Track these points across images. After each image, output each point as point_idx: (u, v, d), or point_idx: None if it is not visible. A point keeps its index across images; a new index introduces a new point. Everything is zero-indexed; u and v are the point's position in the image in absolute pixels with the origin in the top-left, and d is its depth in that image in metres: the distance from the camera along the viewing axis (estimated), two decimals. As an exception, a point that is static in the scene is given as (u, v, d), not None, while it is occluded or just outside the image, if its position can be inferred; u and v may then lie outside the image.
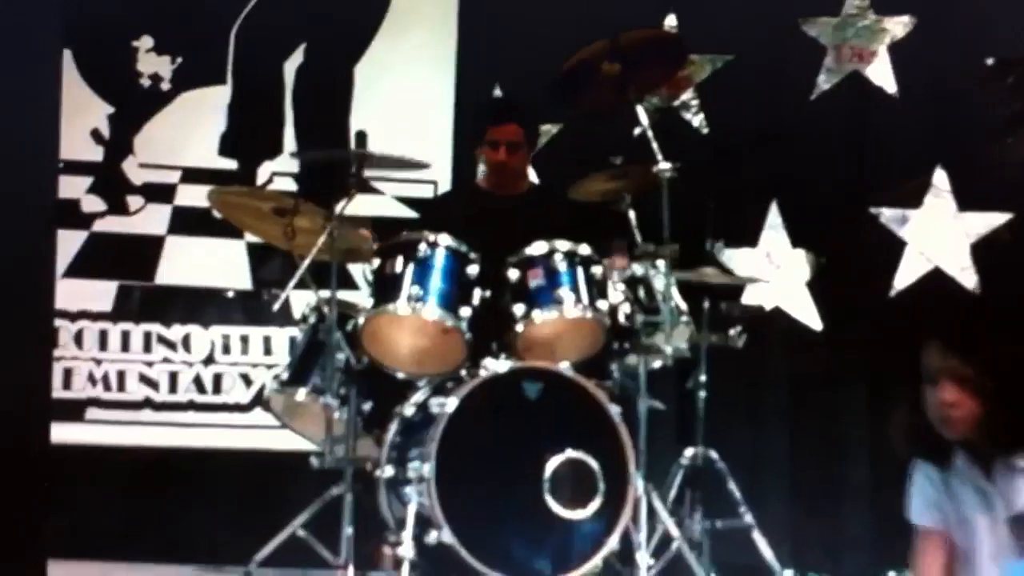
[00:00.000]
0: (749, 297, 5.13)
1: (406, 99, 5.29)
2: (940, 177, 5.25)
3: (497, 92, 5.27)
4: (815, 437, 5.18)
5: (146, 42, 5.28)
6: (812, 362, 5.19)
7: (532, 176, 4.95)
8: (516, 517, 3.92)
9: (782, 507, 5.08)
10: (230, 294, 5.26)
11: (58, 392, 5.12)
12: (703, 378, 4.52)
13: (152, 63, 5.28)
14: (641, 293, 4.29)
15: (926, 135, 5.26)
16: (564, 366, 4.07)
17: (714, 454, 4.49)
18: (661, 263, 4.25)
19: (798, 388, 5.20)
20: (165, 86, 5.28)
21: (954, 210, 5.23)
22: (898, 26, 5.28)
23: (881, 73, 5.28)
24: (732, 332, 4.48)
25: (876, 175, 5.26)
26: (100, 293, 5.23)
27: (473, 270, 4.18)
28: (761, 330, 4.85)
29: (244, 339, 5.26)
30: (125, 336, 5.24)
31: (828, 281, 5.20)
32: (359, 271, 4.64)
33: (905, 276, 5.24)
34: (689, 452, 4.51)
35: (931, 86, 5.25)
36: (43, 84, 5.14)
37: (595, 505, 3.93)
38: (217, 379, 5.26)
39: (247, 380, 5.26)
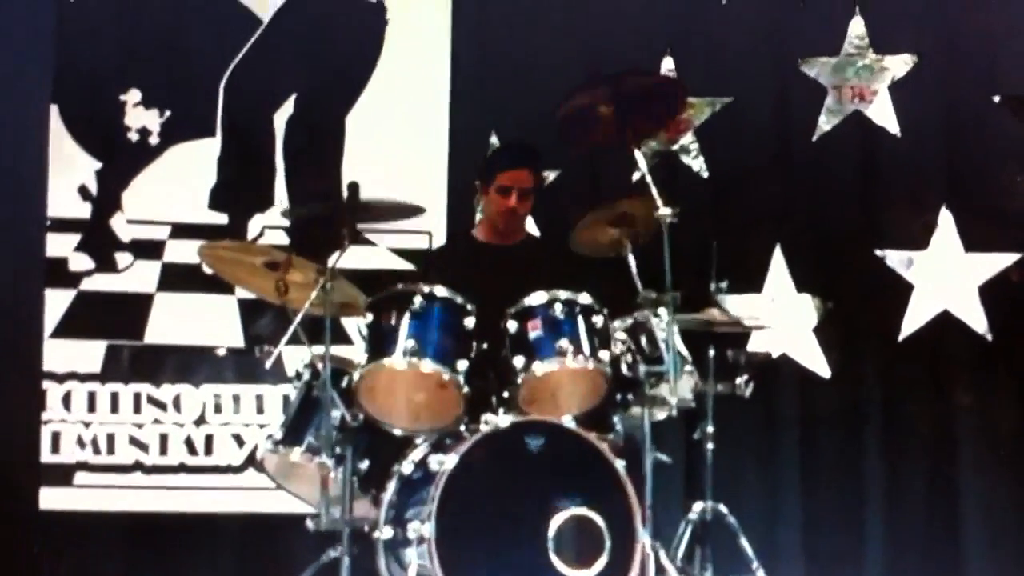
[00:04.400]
0: (755, 344, 5.05)
1: (399, 149, 5.24)
2: (946, 218, 5.21)
3: (494, 140, 5.22)
4: (828, 488, 5.11)
5: (134, 96, 5.24)
6: (822, 410, 5.14)
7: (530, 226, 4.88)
8: (520, 577, 3.81)
9: (796, 562, 5.00)
10: (221, 352, 5.18)
11: (46, 456, 5.07)
12: (710, 429, 4.43)
13: (140, 117, 5.24)
14: (643, 342, 4.20)
15: (931, 175, 5.24)
16: (567, 419, 3.98)
17: (724, 508, 4.40)
18: (663, 311, 4.15)
19: (808, 437, 5.14)
20: (154, 140, 5.24)
21: (961, 251, 5.19)
22: (899, 64, 5.27)
23: (883, 113, 5.25)
24: (739, 381, 4.41)
25: (881, 217, 5.23)
26: (89, 353, 5.14)
27: (470, 322, 4.10)
28: (768, 378, 4.78)
29: (236, 398, 5.18)
30: (114, 397, 5.16)
31: (835, 326, 5.14)
32: (353, 325, 4.56)
33: (913, 319, 5.20)
34: (698, 506, 4.41)
35: (934, 125, 5.24)
36: (30, 140, 5.13)
37: (601, 564, 3.83)
38: (209, 440, 5.17)
39: (239, 440, 5.17)
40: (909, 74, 5.24)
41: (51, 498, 5.02)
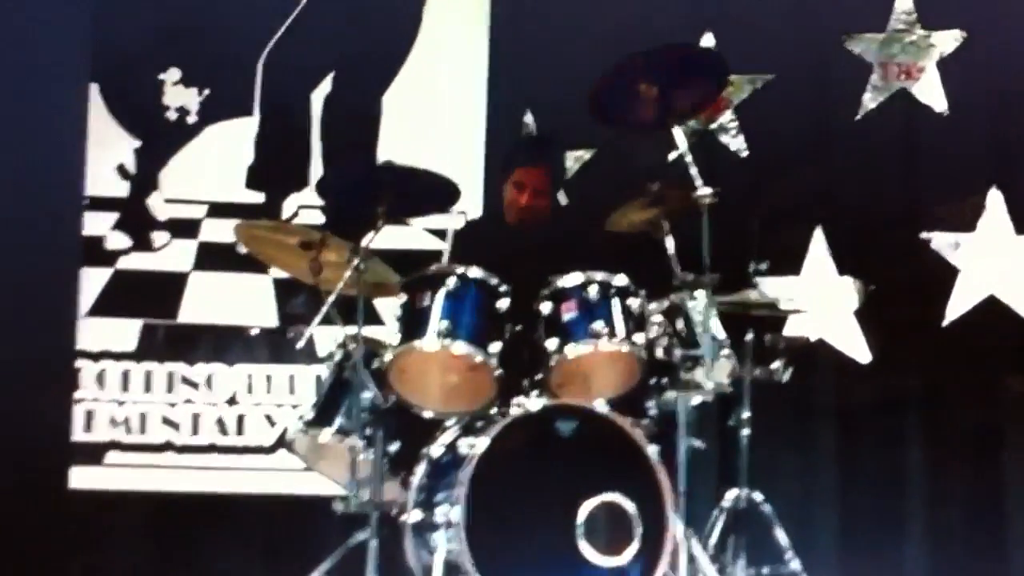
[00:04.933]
0: (793, 328, 4.95)
1: (435, 128, 5.21)
2: (995, 199, 5.08)
3: (528, 118, 5.16)
4: (866, 477, 5.00)
5: (173, 75, 5.25)
6: (861, 396, 5.03)
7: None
8: (549, 564, 3.77)
9: (832, 552, 4.90)
10: (255, 331, 5.19)
11: (79, 435, 5.11)
12: (746, 415, 4.35)
13: (179, 96, 5.25)
14: (680, 325, 4.12)
15: (979, 155, 5.09)
16: (599, 403, 3.92)
17: (758, 496, 4.32)
18: (700, 294, 4.07)
19: (847, 424, 5.03)
20: (192, 119, 5.25)
21: (1011, 233, 5.06)
22: (947, 41, 5.13)
23: (930, 90, 5.12)
24: (776, 365, 4.32)
25: (926, 198, 5.11)
26: (124, 332, 5.17)
27: (503, 304, 4.05)
28: (806, 363, 4.68)
29: (268, 378, 5.19)
30: (148, 376, 5.18)
31: (877, 310, 5.01)
32: (387, 306, 4.52)
33: (958, 305, 5.07)
34: (732, 494, 4.34)
35: (983, 103, 5.10)
36: (69, 118, 5.15)
37: (632, 551, 3.78)
38: (240, 420, 5.18)
39: (271, 421, 5.18)
40: (957, 50, 5.11)
41: (82, 477, 5.05)
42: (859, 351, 5.07)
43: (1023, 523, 4.96)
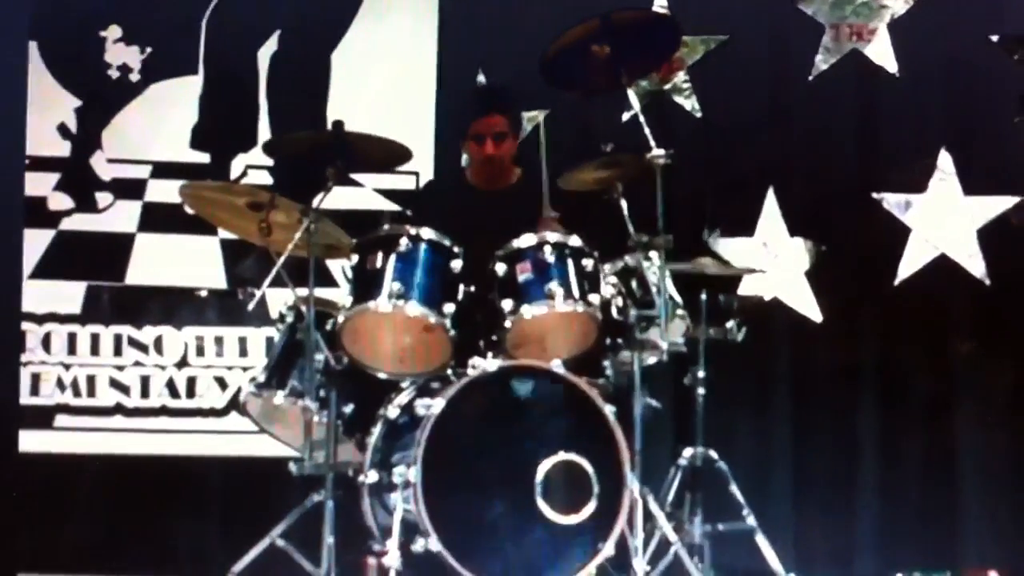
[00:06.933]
0: (747, 288, 4.99)
1: (386, 86, 5.16)
2: (945, 160, 5.13)
3: (481, 78, 5.13)
4: (819, 434, 5.06)
5: (114, 32, 5.16)
6: (814, 355, 5.08)
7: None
8: (507, 523, 3.78)
9: (786, 509, 4.96)
10: (203, 293, 5.13)
11: (26, 398, 5.04)
12: (701, 374, 4.39)
13: (121, 54, 5.16)
14: (634, 286, 4.14)
15: (930, 116, 5.15)
16: (556, 364, 3.92)
17: (714, 454, 4.36)
18: (655, 255, 4.08)
19: (801, 383, 5.08)
20: (134, 77, 5.16)
21: (960, 194, 5.12)
22: (899, 2, 5.16)
23: (881, 52, 5.15)
24: (730, 325, 4.35)
25: (878, 159, 5.14)
26: (68, 294, 5.10)
27: (457, 264, 4.04)
28: (760, 322, 4.72)
29: (219, 340, 5.13)
30: (95, 339, 5.11)
31: (829, 270, 5.08)
32: (338, 267, 4.49)
33: (910, 264, 5.13)
34: (687, 452, 4.37)
35: (934, 65, 5.14)
36: (8, 77, 5.04)
37: (589, 509, 3.80)
38: (191, 383, 5.13)
39: (222, 383, 5.12)
40: (908, 12, 5.14)
41: (31, 440, 4.99)
42: (812, 310, 5.11)
43: (972, 475, 5.05)
